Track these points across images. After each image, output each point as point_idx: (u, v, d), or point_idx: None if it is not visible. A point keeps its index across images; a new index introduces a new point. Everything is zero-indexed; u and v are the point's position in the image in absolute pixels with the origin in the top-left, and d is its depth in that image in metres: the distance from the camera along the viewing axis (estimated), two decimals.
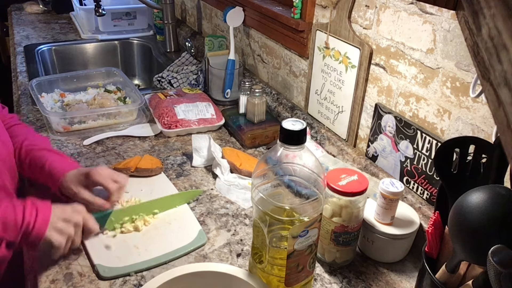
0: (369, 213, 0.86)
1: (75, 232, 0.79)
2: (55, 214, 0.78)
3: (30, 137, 0.99)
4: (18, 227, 0.74)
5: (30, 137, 0.99)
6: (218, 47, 1.51)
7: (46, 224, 0.76)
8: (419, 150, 0.89)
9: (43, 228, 0.75)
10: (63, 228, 0.77)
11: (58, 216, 0.78)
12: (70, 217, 0.79)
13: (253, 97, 1.25)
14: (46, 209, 0.77)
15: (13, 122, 1.03)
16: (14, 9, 2.46)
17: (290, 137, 0.64)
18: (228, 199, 1.02)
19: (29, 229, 0.74)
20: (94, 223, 0.82)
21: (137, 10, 2.10)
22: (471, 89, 0.71)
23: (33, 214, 0.75)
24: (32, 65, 1.69)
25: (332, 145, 1.13)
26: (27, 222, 0.74)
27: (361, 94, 1.03)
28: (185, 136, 1.28)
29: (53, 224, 0.76)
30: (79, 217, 0.80)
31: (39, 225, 0.75)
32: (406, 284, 0.82)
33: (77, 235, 0.80)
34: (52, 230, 0.76)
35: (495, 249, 0.51)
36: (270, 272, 0.71)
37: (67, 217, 0.78)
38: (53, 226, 0.76)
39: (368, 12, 0.97)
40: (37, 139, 1.00)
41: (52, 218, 0.77)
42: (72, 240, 0.79)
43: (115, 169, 1.06)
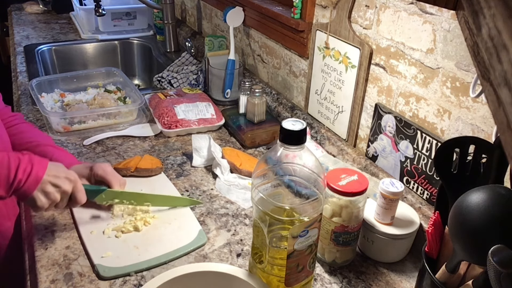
0: (369, 213, 0.86)
1: (61, 198, 0.81)
2: (48, 176, 0.78)
3: (35, 135, 1.01)
4: (10, 184, 0.75)
5: (34, 135, 1.01)
6: (218, 47, 1.51)
7: (36, 184, 0.77)
8: (419, 150, 0.89)
9: (32, 188, 0.77)
10: (50, 192, 0.79)
11: (50, 179, 0.79)
12: (61, 184, 0.80)
13: (253, 97, 1.25)
14: (40, 169, 0.78)
15: (16, 121, 1.03)
16: (14, 9, 2.46)
17: (290, 137, 0.64)
18: (228, 199, 1.02)
19: (19, 186, 0.75)
20: (82, 195, 0.83)
21: (137, 10, 2.10)
22: (471, 89, 0.71)
23: (27, 171, 0.76)
24: (32, 65, 1.69)
25: (332, 145, 1.13)
26: (18, 179, 0.75)
27: (361, 94, 1.03)
28: (185, 136, 1.28)
29: (43, 185, 0.78)
30: (70, 186, 0.81)
31: (29, 184, 0.76)
32: (406, 284, 0.82)
33: (62, 202, 0.82)
34: (39, 191, 0.78)
35: (495, 249, 0.51)
36: (270, 272, 0.71)
37: (58, 183, 0.79)
38: (41, 187, 0.78)
39: (368, 12, 0.97)
40: (41, 137, 1.01)
41: (43, 180, 0.78)
42: (56, 204, 0.81)
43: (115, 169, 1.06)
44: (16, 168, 0.75)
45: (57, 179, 0.79)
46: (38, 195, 0.78)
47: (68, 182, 0.81)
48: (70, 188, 0.81)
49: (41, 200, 0.78)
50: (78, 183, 0.83)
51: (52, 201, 0.80)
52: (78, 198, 0.83)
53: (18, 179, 0.75)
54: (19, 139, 0.98)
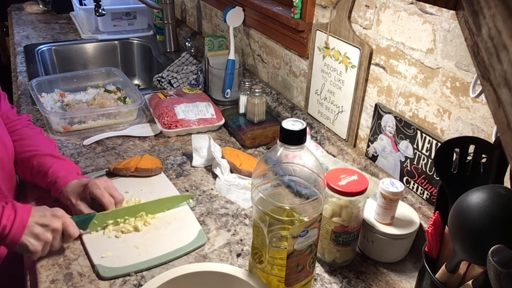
0: (369, 213, 0.86)
1: (53, 237, 0.79)
2: (34, 218, 0.77)
3: (36, 142, 0.98)
4: None
5: (35, 142, 0.98)
6: (218, 47, 1.51)
7: (22, 229, 0.75)
8: (419, 150, 0.89)
9: (19, 233, 0.75)
10: (40, 233, 0.77)
11: (37, 220, 0.77)
12: (49, 222, 0.78)
13: (253, 97, 1.25)
14: (24, 213, 0.77)
15: (20, 125, 1.02)
16: (14, 9, 2.46)
17: (290, 137, 0.64)
18: (228, 199, 1.02)
19: (5, 233, 0.74)
20: (74, 228, 0.82)
21: (137, 10, 2.10)
22: (471, 89, 0.71)
23: (11, 218, 0.75)
24: (32, 65, 1.69)
25: (332, 145, 1.13)
26: (3, 225, 0.74)
27: (361, 94, 1.03)
28: (185, 136, 1.28)
29: (30, 229, 0.76)
30: (58, 223, 0.79)
31: (16, 229, 0.74)
32: (406, 284, 0.82)
33: (56, 240, 0.79)
34: (28, 235, 0.76)
35: (495, 249, 0.51)
36: (270, 272, 0.71)
37: (45, 222, 0.77)
38: (30, 230, 0.76)
39: (368, 12, 0.97)
40: (42, 144, 0.99)
41: (29, 223, 0.76)
42: (51, 245, 0.79)
43: (115, 169, 1.06)
44: (0, 214, 0.74)
45: (44, 219, 0.78)
46: (28, 239, 0.75)
47: (56, 219, 0.79)
48: (59, 225, 0.79)
49: (32, 244, 0.76)
50: (66, 217, 0.81)
51: (45, 242, 0.77)
52: (70, 232, 0.80)
53: (3, 225, 0.73)
54: (19, 146, 0.97)
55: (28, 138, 0.99)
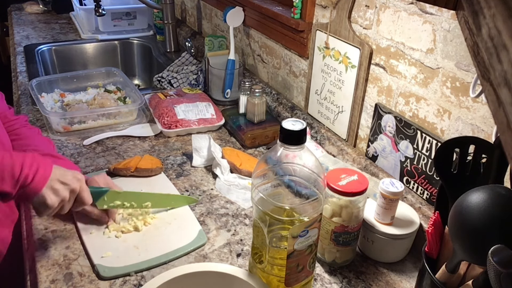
0: (369, 213, 0.86)
1: (69, 197, 0.78)
2: (55, 174, 0.76)
3: (35, 142, 0.98)
4: (16, 179, 0.71)
5: (34, 142, 0.98)
6: (218, 47, 1.51)
7: (44, 181, 0.74)
8: (419, 150, 0.89)
9: (41, 184, 0.74)
10: (60, 189, 0.76)
11: (58, 177, 0.76)
12: (69, 182, 0.77)
13: (253, 97, 1.25)
14: (47, 167, 0.76)
15: (18, 125, 1.01)
16: (14, 9, 2.46)
17: (290, 137, 0.64)
18: (228, 199, 1.02)
19: (27, 182, 0.72)
20: (89, 196, 0.82)
21: (137, 10, 2.10)
22: (471, 89, 0.71)
23: (33, 168, 0.73)
24: (32, 65, 1.69)
25: (332, 145, 1.13)
26: (25, 174, 0.72)
27: (361, 94, 1.03)
28: (185, 136, 1.28)
29: (51, 183, 0.75)
30: (77, 185, 0.79)
31: (38, 180, 0.73)
32: (406, 284, 0.82)
33: (70, 202, 0.79)
34: (48, 189, 0.75)
35: (495, 249, 0.51)
36: (270, 272, 0.71)
37: (66, 181, 0.77)
38: (50, 184, 0.75)
39: (368, 12, 0.97)
40: (41, 144, 0.99)
41: (51, 177, 0.75)
42: (63, 205, 0.78)
43: (115, 169, 1.06)
44: (21, 163, 0.72)
45: (65, 177, 0.77)
46: (48, 192, 0.74)
47: (76, 180, 0.79)
48: (78, 187, 0.79)
49: (51, 198, 0.75)
50: (83, 182, 0.81)
51: (62, 199, 0.76)
52: (84, 198, 0.81)
53: (25, 174, 0.72)
54: (18, 146, 0.96)
55: (26, 138, 0.98)
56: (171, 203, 0.96)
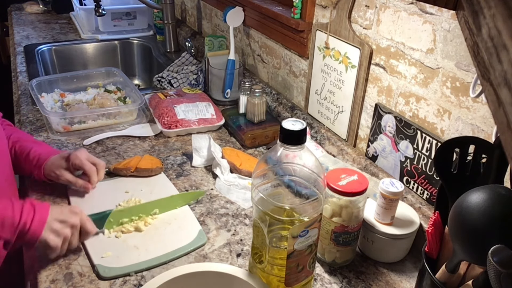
0: (369, 213, 0.86)
1: (72, 233, 0.79)
2: (52, 215, 0.78)
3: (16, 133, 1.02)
4: (15, 226, 0.73)
5: (15, 133, 1.02)
6: (218, 47, 1.51)
7: (42, 225, 0.76)
8: (419, 150, 0.89)
9: (39, 229, 0.75)
10: (59, 229, 0.77)
11: (55, 217, 0.78)
12: (67, 219, 0.79)
13: (253, 97, 1.25)
14: (43, 210, 0.78)
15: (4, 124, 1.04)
16: (14, 9, 2.46)
17: (290, 137, 0.64)
18: (228, 199, 1.02)
19: (26, 229, 0.74)
20: (91, 225, 0.83)
21: (137, 10, 2.10)
22: (471, 89, 0.71)
23: (31, 214, 0.75)
24: (32, 65, 1.69)
25: (332, 145, 1.13)
26: (23, 222, 0.74)
27: (361, 94, 1.03)
28: (185, 136, 1.28)
29: (50, 224, 0.76)
30: (76, 219, 0.80)
31: (36, 225, 0.75)
32: (406, 284, 0.82)
33: (74, 237, 0.80)
34: (48, 231, 0.76)
35: (495, 249, 0.51)
36: (270, 272, 0.71)
37: (64, 219, 0.78)
38: (49, 226, 0.76)
39: (368, 12, 0.97)
40: (22, 134, 1.03)
41: (49, 219, 0.77)
42: (69, 242, 0.79)
43: (115, 169, 1.06)
44: (20, 211, 0.75)
45: (62, 215, 0.79)
46: (48, 234, 0.76)
47: (74, 215, 0.80)
48: (77, 221, 0.80)
49: (52, 240, 0.76)
50: (83, 214, 0.82)
51: (64, 238, 0.78)
52: (87, 228, 0.82)
53: (23, 221, 0.74)
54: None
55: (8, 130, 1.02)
56: (178, 203, 0.97)
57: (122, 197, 0.98)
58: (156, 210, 0.93)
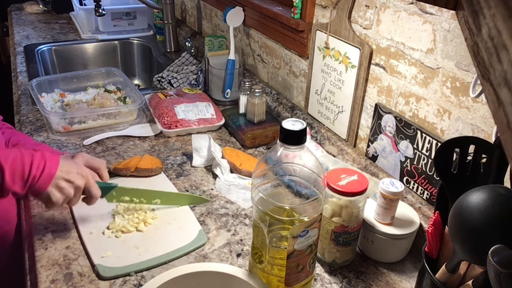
0: (369, 213, 0.86)
1: (75, 194, 0.81)
2: (61, 172, 0.79)
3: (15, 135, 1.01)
4: (25, 180, 0.75)
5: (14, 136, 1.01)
6: (218, 47, 1.51)
7: (49, 180, 0.78)
8: (419, 150, 0.89)
9: (46, 183, 0.77)
10: (64, 187, 0.79)
11: (63, 175, 0.79)
12: (74, 179, 0.80)
13: (253, 97, 1.25)
14: (53, 165, 0.79)
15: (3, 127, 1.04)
16: (14, 9, 2.46)
17: (290, 137, 0.64)
18: (228, 199, 1.02)
19: (34, 182, 0.76)
20: (97, 189, 0.84)
21: (137, 10, 2.10)
22: (471, 89, 0.71)
23: (40, 167, 0.77)
24: (32, 65, 1.69)
25: (332, 145, 1.13)
26: (33, 175, 0.76)
27: (361, 94, 1.03)
28: (185, 136, 1.28)
29: (56, 181, 0.78)
30: (82, 181, 0.82)
31: (43, 179, 0.77)
32: (406, 284, 0.82)
33: (76, 197, 0.82)
34: (53, 187, 0.78)
35: (495, 249, 0.51)
36: (270, 272, 0.71)
37: (71, 178, 0.80)
38: (55, 183, 0.78)
39: (368, 12, 0.97)
40: (21, 137, 1.03)
41: (56, 175, 0.78)
42: (69, 200, 0.81)
43: (115, 169, 1.06)
44: (30, 164, 0.76)
45: (70, 175, 0.80)
46: (52, 190, 0.78)
47: (81, 177, 0.82)
48: (82, 183, 0.82)
49: (55, 196, 0.78)
50: (90, 178, 0.84)
51: (66, 196, 0.80)
52: (93, 192, 0.83)
53: (33, 175, 0.76)
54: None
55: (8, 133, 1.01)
56: (180, 202, 0.97)
57: None
58: (158, 200, 0.94)
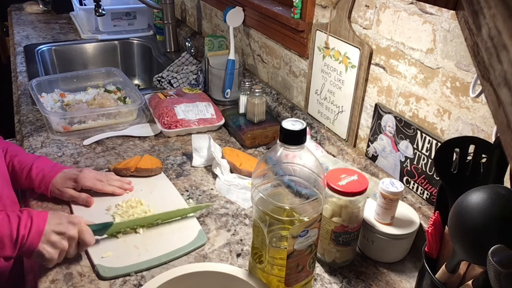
0: (369, 213, 0.86)
1: (70, 245, 0.78)
2: (50, 226, 0.77)
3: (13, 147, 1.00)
4: (13, 242, 0.73)
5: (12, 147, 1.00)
6: (218, 47, 1.51)
7: (39, 237, 0.75)
8: (419, 150, 0.89)
9: (36, 241, 0.75)
10: (56, 241, 0.76)
11: (53, 228, 0.77)
12: (65, 230, 0.77)
13: (253, 97, 1.25)
14: (41, 220, 0.77)
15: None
16: (14, 9, 2.46)
17: (290, 137, 0.64)
18: (228, 199, 1.02)
19: (23, 242, 0.74)
20: (90, 236, 0.81)
21: (137, 10, 2.10)
22: (471, 89, 0.71)
23: (28, 226, 0.74)
24: (32, 65, 1.69)
25: (332, 145, 1.13)
26: (22, 235, 0.73)
27: (361, 94, 1.03)
28: (185, 136, 1.28)
29: (47, 236, 0.76)
30: (75, 230, 0.79)
31: (32, 237, 0.74)
32: (406, 284, 0.82)
33: (72, 248, 0.79)
34: (44, 243, 0.75)
35: (495, 249, 0.51)
36: (270, 272, 0.71)
37: (62, 230, 0.77)
38: (46, 238, 0.75)
39: (368, 12, 0.97)
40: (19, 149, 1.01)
41: (46, 230, 0.76)
42: (66, 252, 0.79)
43: (115, 169, 1.06)
44: (17, 224, 0.74)
45: (60, 226, 0.77)
46: (44, 247, 0.75)
47: (72, 226, 0.79)
48: (75, 233, 0.79)
49: (48, 252, 0.75)
50: (82, 225, 0.81)
51: (61, 250, 0.77)
52: (86, 240, 0.80)
53: (21, 235, 0.73)
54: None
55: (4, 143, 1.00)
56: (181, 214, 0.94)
57: (122, 197, 0.98)
58: (159, 220, 0.91)
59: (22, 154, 0.99)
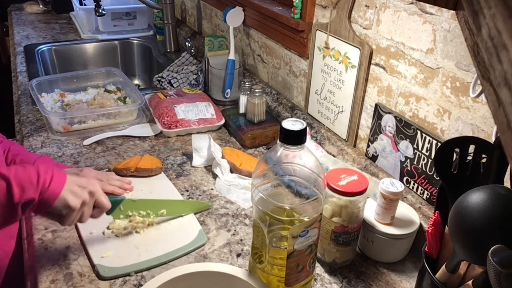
0: (369, 213, 0.86)
1: (89, 200, 0.76)
2: (71, 178, 0.75)
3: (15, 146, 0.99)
4: (35, 184, 0.70)
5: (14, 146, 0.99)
6: (218, 47, 1.51)
7: (62, 183, 0.73)
8: (419, 150, 0.89)
9: (60, 187, 0.72)
10: (78, 191, 0.74)
11: (74, 180, 0.75)
12: (86, 184, 0.76)
13: (253, 97, 1.25)
14: (61, 172, 0.75)
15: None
16: (14, 9, 2.46)
17: (290, 137, 0.64)
18: (228, 199, 1.02)
19: (46, 186, 0.71)
20: (106, 199, 0.80)
21: (137, 10, 2.10)
22: (471, 89, 0.71)
23: (49, 174, 0.73)
24: (32, 65, 1.69)
25: (332, 145, 1.13)
26: (43, 179, 0.71)
27: (361, 94, 1.03)
28: (185, 136, 1.28)
29: (69, 185, 0.74)
30: (95, 188, 0.77)
31: (55, 183, 0.72)
32: (406, 284, 0.82)
33: (89, 206, 0.77)
34: (67, 191, 0.73)
35: (495, 249, 0.51)
36: (270, 272, 0.71)
37: (82, 184, 0.76)
38: (68, 187, 0.74)
39: (368, 12, 0.97)
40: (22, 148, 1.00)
41: (68, 180, 0.74)
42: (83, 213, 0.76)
43: (115, 169, 1.06)
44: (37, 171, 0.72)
45: (81, 181, 0.76)
46: (68, 193, 0.73)
47: (92, 184, 0.78)
48: (95, 189, 0.77)
49: (72, 199, 0.73)
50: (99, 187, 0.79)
51: (83, 201, 0.75)
52: (103, 202, 0.79)
53: (43, 179, 0.71)
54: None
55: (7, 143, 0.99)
56: (185, 210, 0.95)
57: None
58: (164, 211, 0.92)
59: (24, 153, 0.98)
